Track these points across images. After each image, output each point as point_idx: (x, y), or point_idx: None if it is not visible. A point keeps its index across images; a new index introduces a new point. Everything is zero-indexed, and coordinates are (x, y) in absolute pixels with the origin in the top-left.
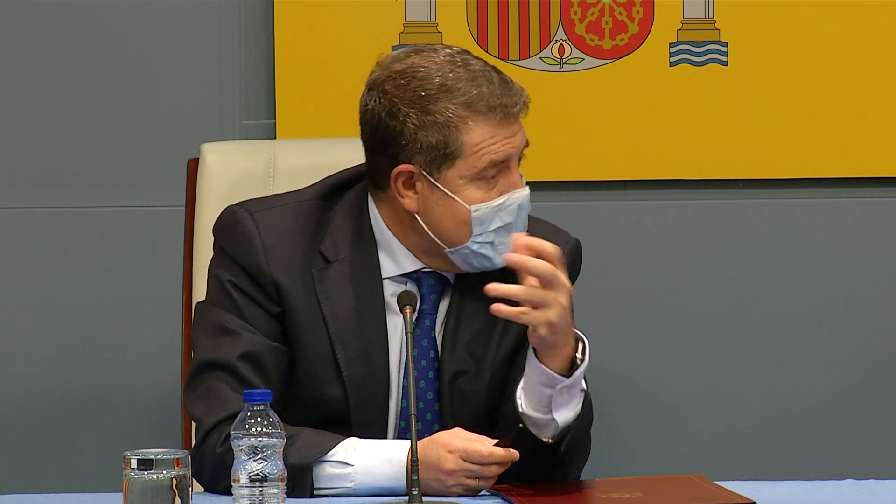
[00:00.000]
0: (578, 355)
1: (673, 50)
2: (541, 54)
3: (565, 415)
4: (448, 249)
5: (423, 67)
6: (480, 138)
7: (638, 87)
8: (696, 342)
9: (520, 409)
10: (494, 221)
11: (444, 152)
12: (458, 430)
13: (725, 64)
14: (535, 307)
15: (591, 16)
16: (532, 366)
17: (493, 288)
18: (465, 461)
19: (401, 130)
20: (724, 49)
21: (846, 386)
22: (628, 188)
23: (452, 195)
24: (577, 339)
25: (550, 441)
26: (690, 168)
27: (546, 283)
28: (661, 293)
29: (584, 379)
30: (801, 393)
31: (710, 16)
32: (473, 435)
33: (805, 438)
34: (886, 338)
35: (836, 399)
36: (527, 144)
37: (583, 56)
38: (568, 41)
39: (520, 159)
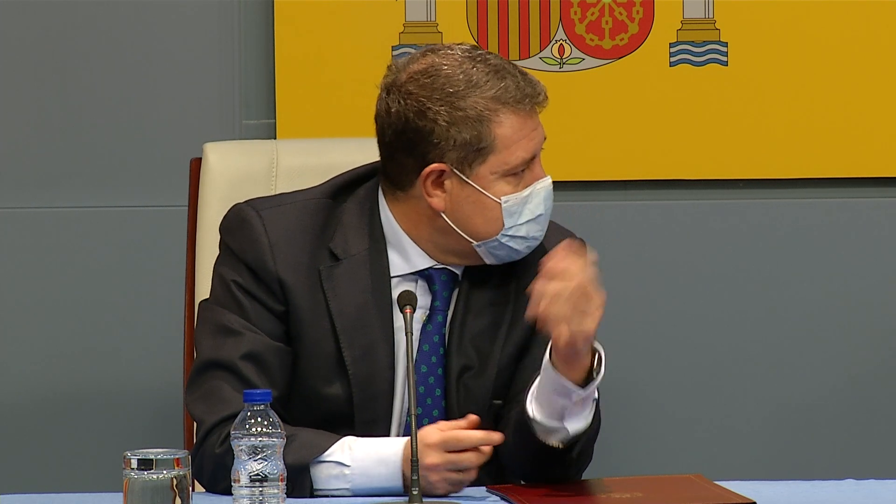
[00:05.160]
0: (595, 365)
1: (673, 50)
2: (541, 54)
3: (576, 424)
4: (475, 244)
5: (446, 65)
6: (511, 131)
7: (638, 87)
8: (696, 342)
9: (529, 415)
10: (524, 213)
11: (478, 147)
12: (441, 423)
13: (725, 64)
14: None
15: (591, 16)
16: (547, 374)
17: (534, 305)
18: (445, 452)
19: (431, 129)
20: (724, 49)
21: (846, 386)
22: (628, 188)
23: (483, 190)
24: (594, 350)
25: (560, 446)
26: (690, 168)
27: (583, 294)
28: (660, 293)
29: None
30: (801, 393)
31: (710, 16)
32: (454, 423)
33: (805, 438)
34: (886, 338)
35: (836, 399)
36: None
37: (583, 56)
38: (568, 41)
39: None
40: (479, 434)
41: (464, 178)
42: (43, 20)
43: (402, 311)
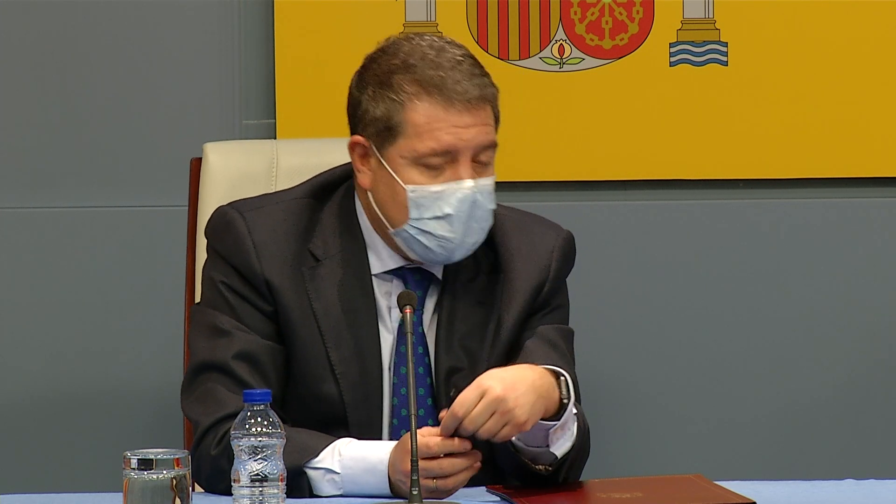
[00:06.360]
0: (563, 392)
1: (673, 50)
2: (541, 54)
3: (563, 446)
4: (391, 231)
5: (399, 46)
6: (425, 119)
7: (638, 87)
8: (696, 342)
9: (514, 447)
10: (432, 209)
11: (387, 126)
12: (423, 429)
13: (725, 64)
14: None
15: (591, 16)
16: None
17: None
18: (421, 459)
19: (359, 101)
20: (724, 49)
21: (846, 385)
22: (628, 188)
23: (393, 173)
24: (558, 376)
25: (548, 469)
26: (690, 168)
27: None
28: (660, 293)
29: (577, 398)
30: (801, 393)
31: (710, 16)
32: (435, 430)
33: (805, 438)
34: (886, 338)
35: (836, 399)
36: (493, 146)
37: (583, 56)
38: (568, 41)
39: (486, 164)
40: (452, 443)
41: (378, 156)
42: (43, 20)
43: (401, 311)
